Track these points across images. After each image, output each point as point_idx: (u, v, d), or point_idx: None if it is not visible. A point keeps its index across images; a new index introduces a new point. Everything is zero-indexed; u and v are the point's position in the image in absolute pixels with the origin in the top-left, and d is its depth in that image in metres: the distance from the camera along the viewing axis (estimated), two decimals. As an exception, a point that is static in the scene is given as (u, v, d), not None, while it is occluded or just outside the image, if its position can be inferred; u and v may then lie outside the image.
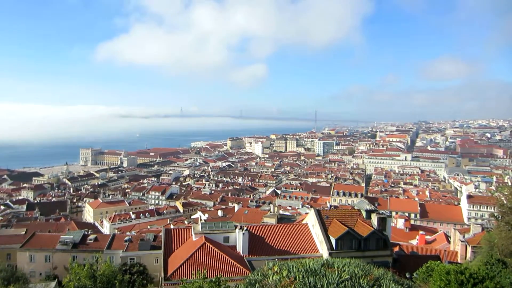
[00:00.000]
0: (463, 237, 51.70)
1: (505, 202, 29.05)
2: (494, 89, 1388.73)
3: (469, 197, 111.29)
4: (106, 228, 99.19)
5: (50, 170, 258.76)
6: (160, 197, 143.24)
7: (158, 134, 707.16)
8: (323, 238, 37.12)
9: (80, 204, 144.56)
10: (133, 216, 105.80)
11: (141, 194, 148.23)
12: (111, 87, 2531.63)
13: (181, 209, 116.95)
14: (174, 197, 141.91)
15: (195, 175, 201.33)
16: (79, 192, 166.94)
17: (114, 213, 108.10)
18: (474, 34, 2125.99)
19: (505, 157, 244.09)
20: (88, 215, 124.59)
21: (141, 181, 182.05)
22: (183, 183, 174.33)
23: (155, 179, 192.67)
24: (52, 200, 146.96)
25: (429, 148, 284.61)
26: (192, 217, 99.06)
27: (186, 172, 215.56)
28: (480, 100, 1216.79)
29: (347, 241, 36.69)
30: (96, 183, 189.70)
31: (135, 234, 67.15)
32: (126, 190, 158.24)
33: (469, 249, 46.71)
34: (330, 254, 35.88)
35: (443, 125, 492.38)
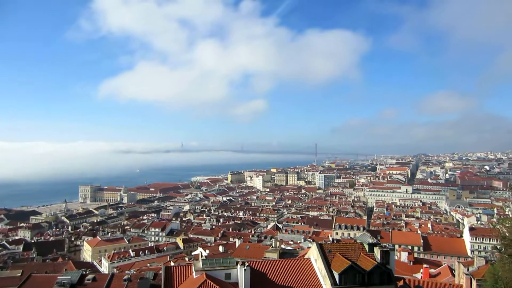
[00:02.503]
0: (468, 270, 51.04)
1: (507, 234, 29.24)
2: (490, 123, 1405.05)
3: (472, 229, 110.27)
4: (104, 267, 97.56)
5: (48, 209, 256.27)
6: (160, 234, 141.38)
7: (158, 169, 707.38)
8: (326, 272, 36.84)
9: (78, 242, 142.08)
10: (132, 254, 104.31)
11: (141, 230, 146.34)
12: (113, 123, 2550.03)
13: (181, 245, 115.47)
14: (174, 233, 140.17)
15: (196, 210, 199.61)
16: (78, 230, 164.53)
17: (113, 251, 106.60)
18: (468, 70, 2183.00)
19: (504, 189, 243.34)
20: (87, 254, 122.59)
21: (141, 217, 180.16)
22: (184, 219, 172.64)
23: (155, 215, 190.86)
24: (50, 239, 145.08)
25: (429, 180, 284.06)
26: (192, 253, 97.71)
27: (187, 207, 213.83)
28: (477, 133, 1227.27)
29: (350, 276, 36.36)
30: (95, 221, 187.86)
31: (135, 272, 66.05)
32: (126, 227, 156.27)
33: (474, 282, 46.07)
34: (333, 289, 35.57)
35: (442, 157, 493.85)
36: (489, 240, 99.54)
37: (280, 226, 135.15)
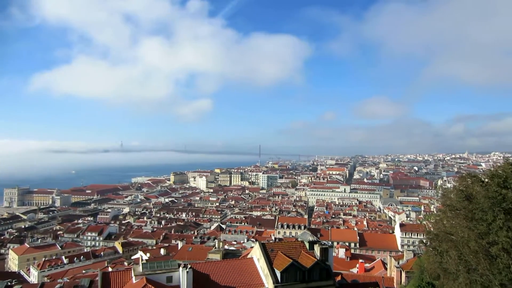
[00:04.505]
0: (398, 263, 54.84)
1: (431, 229, 31.77)
2: (419, 127, 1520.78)
3: (402, 225, 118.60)
4: (33, 276, 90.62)
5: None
6: (97, 238, 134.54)
7: (96, 170, 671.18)
8: (268, 271, 37.51)
9: (2, 251, 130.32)
10: (65, 260, 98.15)
11: (76, 235, 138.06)
12: (45, 120, 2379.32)
13: (120, 249, 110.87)
14: (112, 237, 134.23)
15: (136, 213, 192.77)
16: (2, 237, 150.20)
17: (43, 259, 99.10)
18: (399, 79, 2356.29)
19: (430, 188, 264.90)
20: (13, 263, 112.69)
21: (76, 221, 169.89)
22: (123, 222, 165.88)
23: (92, 218, 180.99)
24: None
25: (365, 180, 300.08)
26: (132, 257, 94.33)
27: (126, 210, 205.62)
28: (407, 137, 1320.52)
29: (291, 273, 37.37)
30: (23, 226, 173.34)
31: (68, 280, 62.42)
32: (58, 232, 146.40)
33: (403, 274, 49.60)
34: (275, 287, 36.34)
35: (377, 159, 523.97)
36: (417, 235, 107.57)
37: (224, 226, 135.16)
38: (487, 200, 21.25)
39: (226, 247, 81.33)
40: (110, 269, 64.74)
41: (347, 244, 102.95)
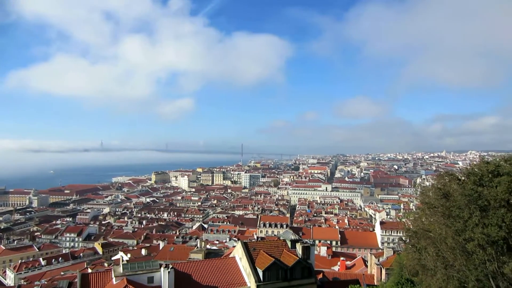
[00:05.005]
0: (378, 260, 55.71)
1: (411, 227, 32.31)
2: (398, 127, 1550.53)
3: (382, 223, 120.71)
4: (10, 278, 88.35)
5: None
6: (76, 239, 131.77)
7: (75, 169, 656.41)
8: (251, 270, 37.54)
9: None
10: (43, 262, 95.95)
11: (54, 236, 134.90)
12: (21, 118, 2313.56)
13: (100, 250, 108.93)
14: (92, 237, 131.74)
15: (116, 213, 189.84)
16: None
17: (20, 261, 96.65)
18: (380, 79, 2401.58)
19: (409, 186, 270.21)
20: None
21: (54, 222, 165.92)
22: (103, 222, 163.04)
23: (71, 219, 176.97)
24: None
25: (346, 179, 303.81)
26: (112, 258, 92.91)
27: (106, 210, 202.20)
28: (388, 136, 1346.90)
29: (273, 272, 37.52)
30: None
31: (46, 283, 61.03)
32: (36, 234, 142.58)
33: (383, 271, 50.43)
34: (258, 286, 36.37)
35: (358, 158, 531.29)
36: (397, 233, 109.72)
37: (206, 226, 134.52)
38: (463, 198, 21.77)
39: (208, 246, 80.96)
40: (89, 270, 63.67)
41: (328, 242, 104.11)
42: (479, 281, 22.42)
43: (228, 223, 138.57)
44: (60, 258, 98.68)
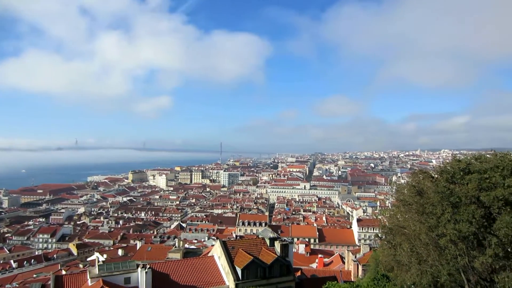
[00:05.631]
0: (355, 257, 56.71)
1: (386, 223, 32.90)
2: (375, 125, 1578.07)
3: (359, 220, 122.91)
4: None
5: None
6: (50, 240, 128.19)
7: (48, 168, 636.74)
8: (229, 269, 37.52)
9: None
10: (14, 264, 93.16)
11: (25, 238, 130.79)
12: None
13: (75, 251, 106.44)
14: (66, 238, 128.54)
15: (92, 213, 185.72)
16: None
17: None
18: (357, 79, 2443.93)
19: (385, 184, 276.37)
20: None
21: (26, 223, 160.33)
22: (78, 222, 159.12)
23: (44, 219, 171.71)
24: None
25: (324, 177, 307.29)
26: (88, 259, 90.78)
27: (82, 210, 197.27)
28: (364, 134, 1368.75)
29: (252, 270, 37.64)
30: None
31: (17, 285, 59.02)
32: (6, 235, 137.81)
33: (360, 267, 51.38)
34: (236, 285, 36.40)
35: (336, 156, 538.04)
36: (373, 229, 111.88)
37: (184, 225, 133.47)
38: (436, 195, 22.37)
39: (186, 246, 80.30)
40: (63, 272, 62.02)
41: (307, 240, 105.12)
42: (451, 275, 23.15)
43: (206, 222, 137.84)
44: (33, 260, 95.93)
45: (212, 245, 57.41)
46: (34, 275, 76.80)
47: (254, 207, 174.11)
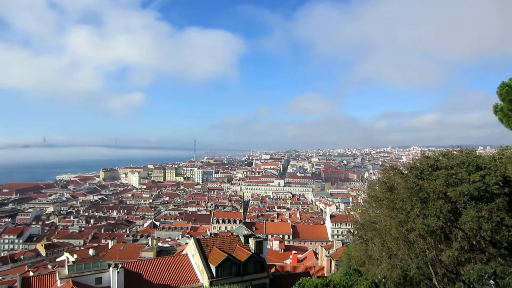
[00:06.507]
0: (328, 252, 57.66)
1: (358, 219, 33.44)
2: (347, 123, 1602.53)
3: (332, 216, 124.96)
4: None
5: None
6: (16, 241, 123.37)
7: (14, 167, 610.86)
8: (204, 267, 37.32)
9: None
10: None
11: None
12: None
13: (43, 252, 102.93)
14: (34, 239, 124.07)
15: (61, 212, 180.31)
16: None
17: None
18: (329, 76, 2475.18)
19: (358, 180, 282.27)
20: None
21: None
22: (46, 222, 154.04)
23: (9, 219, 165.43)
24: None
25: (298, 174, 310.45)
26: (57, 260, 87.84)
27: (50, 209, 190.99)
28: (337, 132, 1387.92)
29: (227, 268, 37.59)
30: None
31: (-19, 288, 56.33)
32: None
33: (333, 263, 52.26)
34: (210, 282, 36.23)
35: (309, 153, 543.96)
36: (346, 225, 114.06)
37: (158, 223, 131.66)
38: (406, 191, 22.93)
39: (160, 244, 79.38)
40: (31, 274, 59.81)
41: (281, 236, 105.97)
42: (420, 268, 23.88)
43: (180, 220, 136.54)
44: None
45: (186, 243, 56.90)
46: (0, 277, 73.79)
47: (229, 205, 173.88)
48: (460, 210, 21.57)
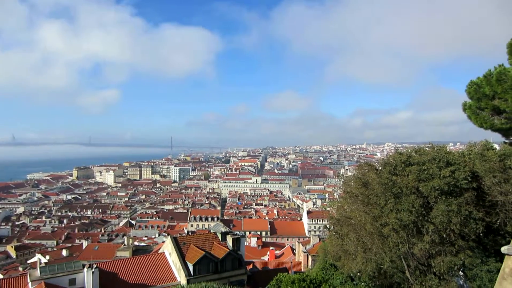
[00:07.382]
0: (305, 248, 58.38)
1: (334, 215, 33.93)
2: (324, 120, 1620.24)
3: (309, 212, 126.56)
4: None
5: None
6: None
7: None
8: (181, 265, 37.07)
9: None
10: None
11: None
12: None
13: (13, 254, 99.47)
14: (4, 240, 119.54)
15: (33, 212, 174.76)
16: None
17: None
18: (306, 74, 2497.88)
19: (334, 176, 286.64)
20: None
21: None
22: (16, 223, 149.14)
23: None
24: None
25: (275, 171, 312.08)
26: (28, 261, 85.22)
27: (21, 209, 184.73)
28: (314, 129, 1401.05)
29: (204, 265, 37.48)
30: None
31: None
32: None
33: (309, 258, 52.97)
34: (188, 280, 36.01)
35: (286, 150, 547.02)
36: (322, 221, 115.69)
37: (134, 222, 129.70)
38: (380, 186, 23.49)
39: (136, 243, 78.27)
40: (1, 276, 57.79)
41: (258, 233, 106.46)
42: (393, 261, 24.54)
43: (157, 218, 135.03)
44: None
45: (163, 242, 56.37)
46: (-34, 282, 70.96)
47: (206, 202, 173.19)
48: (431, 205, 22.29)
